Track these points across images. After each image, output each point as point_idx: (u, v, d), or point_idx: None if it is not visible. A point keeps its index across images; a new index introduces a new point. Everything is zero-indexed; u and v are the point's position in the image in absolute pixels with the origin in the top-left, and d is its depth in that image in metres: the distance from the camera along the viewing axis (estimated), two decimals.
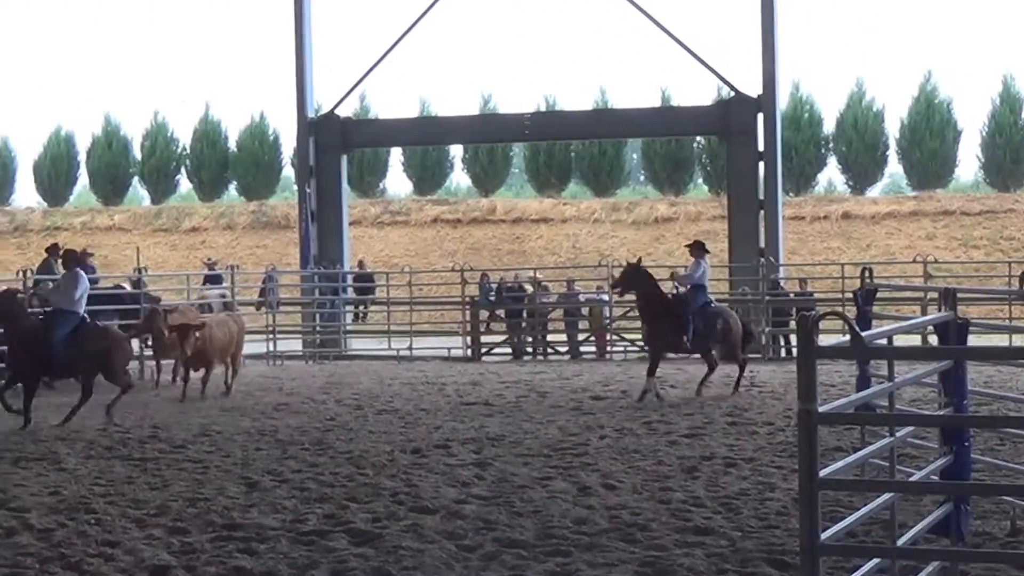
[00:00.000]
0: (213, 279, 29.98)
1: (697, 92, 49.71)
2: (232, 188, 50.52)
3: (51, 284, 24.20)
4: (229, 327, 21.75)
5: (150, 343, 22.40)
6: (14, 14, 65.03)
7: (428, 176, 48.40)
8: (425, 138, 37.74)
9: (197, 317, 21.38)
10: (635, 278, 20.01)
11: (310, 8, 32.34)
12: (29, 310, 19.32)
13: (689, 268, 20.55)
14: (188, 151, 49.83)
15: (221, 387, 21.16)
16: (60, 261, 20.43)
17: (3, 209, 51.23)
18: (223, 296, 28.13)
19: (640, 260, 20.96)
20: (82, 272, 18.58)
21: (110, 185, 50.07)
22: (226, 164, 49.32)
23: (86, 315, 18.17)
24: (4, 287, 25.32)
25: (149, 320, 21.07)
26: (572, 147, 46.53)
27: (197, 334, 19.95)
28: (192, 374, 20.86)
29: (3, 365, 18.59)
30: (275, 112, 59.39)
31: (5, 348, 18.45)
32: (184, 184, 51.25)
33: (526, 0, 48.23)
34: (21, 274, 23.53)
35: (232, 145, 49.33)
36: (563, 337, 29.45)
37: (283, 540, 10.37)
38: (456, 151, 48.10)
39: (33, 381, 17.85)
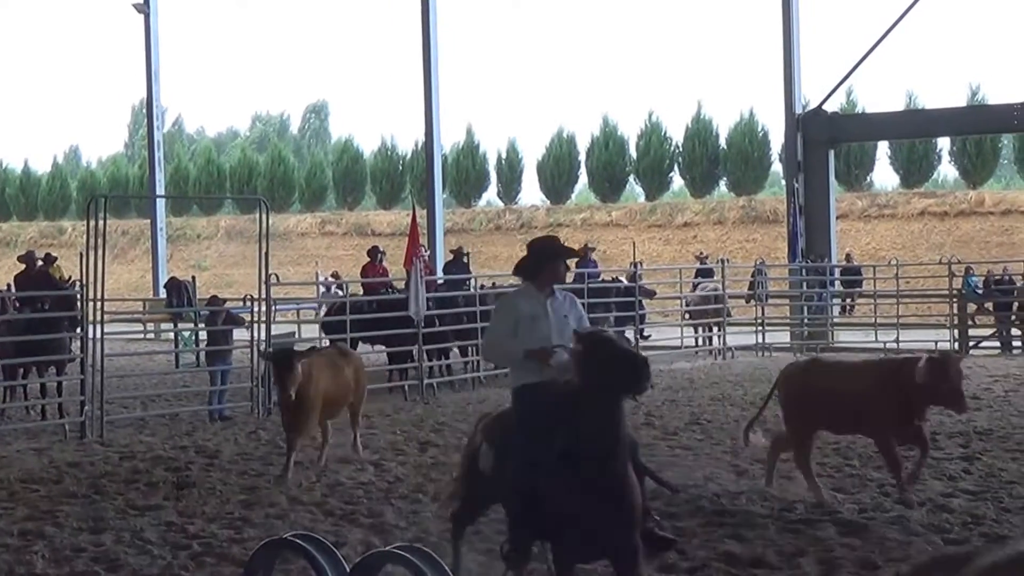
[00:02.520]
0: (704, 273, 30.54)
1: None
2: (722, 184, 51.03)
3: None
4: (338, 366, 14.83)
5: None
6: (514, 28, 68.12)
7: (915, 169, 47.29)
8: (912, 131, 37.07)
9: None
10: None
11: (798, 5, 32.39)
12: None
13: None
14: (680, 149, 50.70)
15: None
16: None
17: (510, 207, 53.66)
18: (716, 289, 28.66)
19: None
20: None
21: (607, 183, 51.53)
22: (716, 161, 49.87)
23: None
24: (511, 281, 26.91)
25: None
26: None
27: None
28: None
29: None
30: (764, 108, 59.39)
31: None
32: (677, 181, 52.20)
33: None
34: None
35: (722, 142, 49.84)
36: None
37: (771, 527, 10.51)
38: (943, 143, 46.79)
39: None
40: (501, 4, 66.00)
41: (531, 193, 54.64)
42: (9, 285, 24.09)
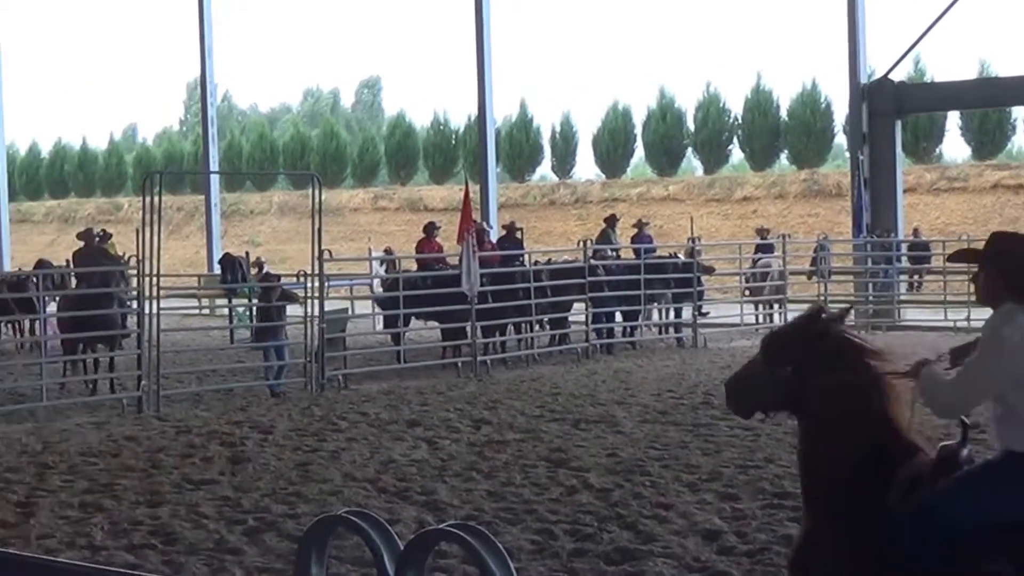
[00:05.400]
0: (765, 248, 30.14)
1: None
2: (783, 157, 50.46)
3: (609, 252, 25.30)
4: None
5: None
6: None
7: (988, 140, 46.32)
8: (985, 100, 36.23)
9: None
10: None
11: None
12: None
13: None
14: (740, 121, 50.17)
15: None
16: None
17: (565, 182, 53.34)
18: (768, 265, 28.25)
19: None
20: None
21: (664, 156, 51.11)
22: (777, 133, 49.27)
23: None
24: (565, 256, 26.68)
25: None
26: None
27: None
28: None
29: None
30: (827, 79, 58.53)
31: None
32: (736, 154, 51.68)
33: None
34: (581, 244, 24.42)
35: (783, 114, 49.24)
36: None
37: None
38: (1018, 112, 45.79)
39: None
40: None
41: (586, 167, 54.32)
42: (68, 261, 24.47)
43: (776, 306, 27.97)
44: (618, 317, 24.96)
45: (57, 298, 22.28)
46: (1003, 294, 5.69)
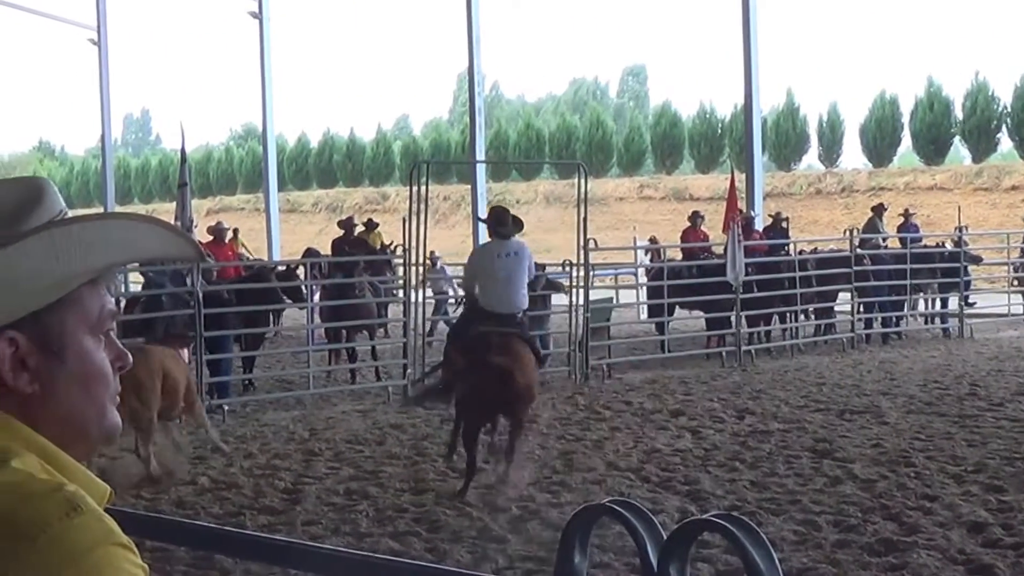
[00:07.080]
0: None
1: None
2: None
3: (881, 242, 24.95)
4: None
5: None
6: None
7: None
8: None
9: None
10: None
11: None
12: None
13: None
14: (1009, 109, 48.68)
15: None
16: None
17: (831, 171, 52.64)
18: None
19: None
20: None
21: (932, 145, 50.00)
22: None
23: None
24: (831, 246, 26.40)
25: None
26: None
27: None
28: None
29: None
30: None
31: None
32: (1005, 143, 50.19)
33: None
34: (847, 233, 24.15)
35: None
36: None
37: None
38: None
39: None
40: None
41: (853, 156, 53.62)
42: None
43: None
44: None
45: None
46: (492, 236, 12.20)
